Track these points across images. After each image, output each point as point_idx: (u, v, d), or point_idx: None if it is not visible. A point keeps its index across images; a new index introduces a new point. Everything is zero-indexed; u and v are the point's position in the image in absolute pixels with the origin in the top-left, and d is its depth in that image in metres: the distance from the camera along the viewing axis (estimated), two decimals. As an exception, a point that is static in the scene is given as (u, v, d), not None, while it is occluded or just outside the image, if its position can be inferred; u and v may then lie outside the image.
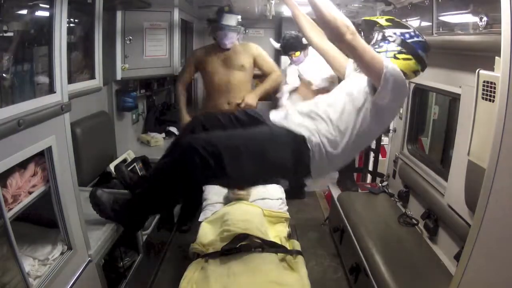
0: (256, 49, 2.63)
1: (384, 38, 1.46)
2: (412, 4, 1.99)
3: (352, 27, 1.24)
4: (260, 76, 2.80)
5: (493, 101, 1.25)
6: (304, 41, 2.72)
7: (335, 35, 1.26)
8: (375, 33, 1.51)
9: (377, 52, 1.41)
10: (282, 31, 3.50)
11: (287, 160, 1.42)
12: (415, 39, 1.44)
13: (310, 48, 2.83)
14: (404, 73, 1.40)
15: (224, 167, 1.36)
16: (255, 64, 2.63)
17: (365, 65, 1.32)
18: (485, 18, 1.36)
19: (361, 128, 1.42)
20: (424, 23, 1.95)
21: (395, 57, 1.42)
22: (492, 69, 1.24)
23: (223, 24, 2.41)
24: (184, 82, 2.69)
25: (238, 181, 1.52)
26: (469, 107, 1.48)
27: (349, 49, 1.29)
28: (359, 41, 1.26)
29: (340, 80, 1.70)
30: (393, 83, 1.32)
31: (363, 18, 1.60)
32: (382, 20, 1.49)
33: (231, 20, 2.40)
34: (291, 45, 2.85)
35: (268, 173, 1.53)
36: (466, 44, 1.55)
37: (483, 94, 1.31)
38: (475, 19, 1.44)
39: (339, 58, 1.65)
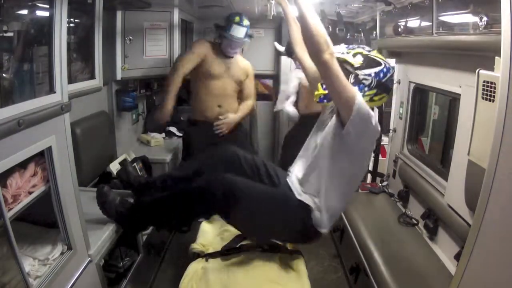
0: (250, 70, 2.66)
1: (358, 81, 1.37)
2: (412, 4, 1.99)
3: (332, 49, 1.21)
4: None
5: (493, 101, 1.25)
6: None
7: (315, 50, 1.22)
8: (346, 71, 1.40)
9: None
10: (282, 31, 3.51)
11: (293, 226, 1.50)
12: (388, 75, 1.38)
13: None
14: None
15: (239, 212, 1.46)
16: (243, 82, 2.64)
17: (336, 90, 1.26)
18: (485, 18, 1.36)
19: (344, 177, 1.43)
20: (424, 23, 1.96)
21: (371, 100, 1.37)
22: (492, 69, 1.24)
23: (231, 35, 2.36)
24: (185, 71, 2.37)
25: (247, 230, 1.61)
26: (469, 107, 1.48)
27: (323, 69, 1.24)
28: (335, 65, 1.22)
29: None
30: (361, 117, 1.28)
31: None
32: (350, 57, 1.39)
33: (240, 32, 2.36)
34: (293, 48, 2.82)
35: (272, 232, 1.58)
36: (466, 44, 1.55)
37: (483, 94, 1.31)
38: (475, 19, 1.44)
39: (316, 77, 1.61)
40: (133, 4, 2.39)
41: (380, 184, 2.70)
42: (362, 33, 2.89)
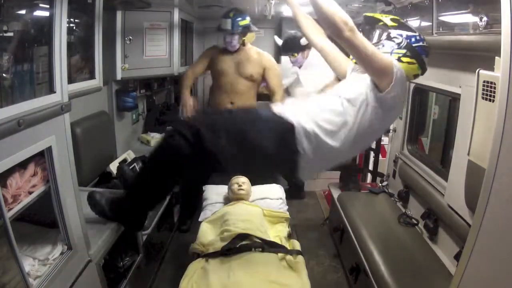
0: (269, 62, 2.72)
1: (389, 38, 1.44)
2: (412, 4, 1.99)
3: (351, 24, 1.21)
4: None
5: (493, 101, 1.25)
6: (302, 42, 2.71)
7: (333, 32, 1.24)
8: (377, 31, 1.48)
9: (381, 51, 1.39)
10: (282, 31, 3.51)
11: (271, 146, 1.33)
12: (421, 43, 1.42)
13: (312, 52, 2.81)
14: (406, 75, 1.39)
15: (205, 147, 1.32)
16: (264, 75, 2.72)
17: (366, 61, 1.28)
18: (485, 18, 1.36)
19: (363, 124, 1.36)
20: (424, 23, 1.95)
21: (399, 60, 1.40)
22: (492, 69, 1.24)
23: (220, 28, 2.57)
24: (195, 71, 2.76)
25: (222, 163, 1.40)
26: (469, 107, 1.48)
27: (348, 46, 1.26)
28: (359, 38, 1.23)
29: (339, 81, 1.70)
30: (400, 82, 1.31)
31: (365, 14, 1.56)
32: (387, 19, 1.47)
33: (225, 24, 2.53)
34: (288, 46, 2.85)
35: (252, 159, 1.42)
36: (466, 44, 1.55)
37: (483, 94, 1.31)
38: (475, 19, 1.44)
39: (339, 58, 1.62)
40: (133, 4, 2.39)
41: (380, 184, 2.70)
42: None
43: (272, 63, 2.74)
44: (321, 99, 1.46)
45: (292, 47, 2.82)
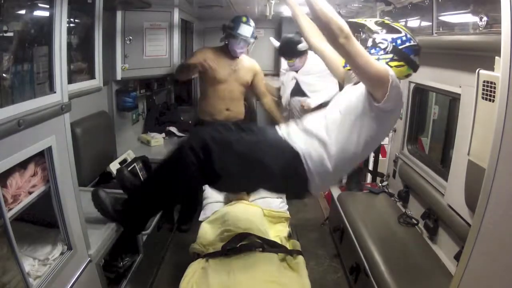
0: (257, 67, 2.71)
1: (374, 44, 1.40)
2: (412, 4, 1.99)
3: (347, 31, 1.19)
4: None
5: (493, 101, 1.25)
6: (300, 47, 2.66)
7: (328, 37, 1.22)
8: (364, 36, 1.47)
9: None
10: (282, 31, 3.51)
11: (280, 171, 1.39)
12: (407, 44, 1.38)
13: (310, 56, 2.80)
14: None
15: (214, 165, 1.36)
16: (253, 81, 2.71)
17: (360, 70, 1.25)
18: (485, 18, 1.36)
19: (365, 137, 1.38)
20: (424, 23, 1.96)
21: (387, 65, 1.36)
22: (492, 69, 1.24)
23: (239, 34, 2.44)
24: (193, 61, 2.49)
25: (229, 183, 1.49)
26: (469, 107, 1.48)
27: (342, 53, 1.24)
28: (353, 46, 1.20)
29: (339, 83, 1.70)
30: (395, 90, 1.29)
31: (349, 20, 1.56)
32: (371, 24, 1.43)
33: (247, 31, 2.44)
34: (285, 50, 2.77)
35: (259, 182, 1.50)
36: (466, 44, 1.55)
37: (483, 94, 1.31)
38: (475, 19, 1.44)
39: (337, 61, 1.61)
40: (133, 4, 2.39)
41: (380, 184, 2.70)
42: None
43: (259, 68, 2.73)
44: (321, 120, 1.45)
45: (288, 52, 2.74)
